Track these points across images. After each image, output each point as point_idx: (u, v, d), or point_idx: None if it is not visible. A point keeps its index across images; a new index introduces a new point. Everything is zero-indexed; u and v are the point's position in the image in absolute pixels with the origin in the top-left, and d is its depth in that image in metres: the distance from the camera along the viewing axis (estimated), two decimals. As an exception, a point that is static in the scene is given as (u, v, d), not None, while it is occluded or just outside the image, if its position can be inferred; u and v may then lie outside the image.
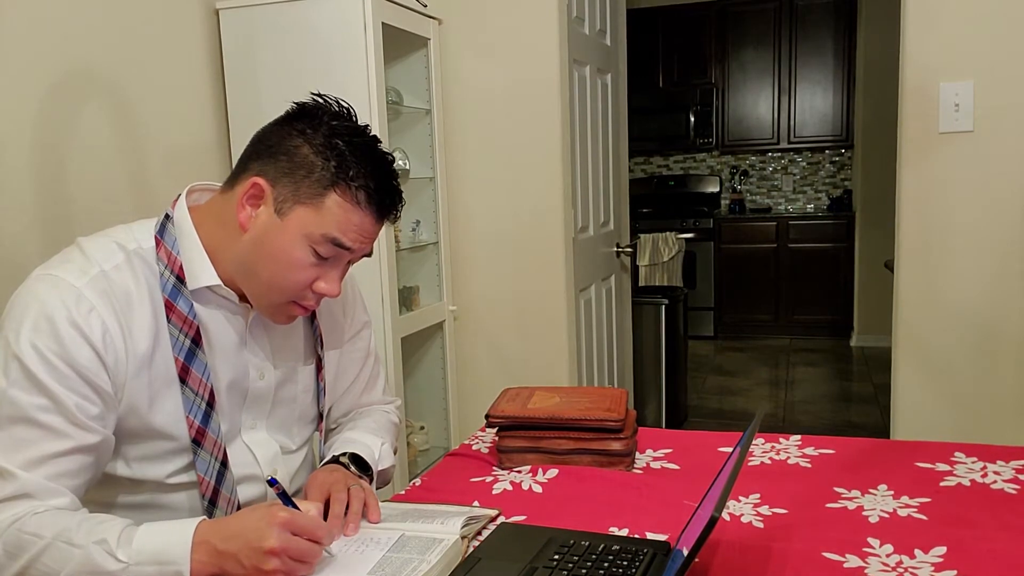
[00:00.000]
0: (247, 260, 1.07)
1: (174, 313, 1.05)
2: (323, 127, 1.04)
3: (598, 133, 2.99)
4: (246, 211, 1.05)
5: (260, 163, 1.06)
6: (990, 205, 2.22)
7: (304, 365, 1.23)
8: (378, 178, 1.05)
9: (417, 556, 0.99)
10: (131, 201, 2.03)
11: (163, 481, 1.09)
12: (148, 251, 1.07)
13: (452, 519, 1.08)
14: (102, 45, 1.95)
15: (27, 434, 0.96)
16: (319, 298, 1.10)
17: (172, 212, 1.10)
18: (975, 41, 2.18)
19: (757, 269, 5.94)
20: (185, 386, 1.06)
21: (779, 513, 1.16)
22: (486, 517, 1.15)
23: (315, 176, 1.03)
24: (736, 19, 6.01)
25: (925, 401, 2.34)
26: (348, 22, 2.21)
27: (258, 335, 1.16)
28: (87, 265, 1.03)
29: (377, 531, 1.08)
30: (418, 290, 2.64)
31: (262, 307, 1.11)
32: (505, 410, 1.39)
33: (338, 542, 1.05)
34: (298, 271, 1.05)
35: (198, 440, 1.08)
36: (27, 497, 0.96)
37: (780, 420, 4.16)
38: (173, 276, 1.06)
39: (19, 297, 1.01)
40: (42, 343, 0.97)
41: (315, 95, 1.10)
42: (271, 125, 1.09)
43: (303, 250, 1.04)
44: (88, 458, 1.00)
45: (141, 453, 1.08)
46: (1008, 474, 1.25)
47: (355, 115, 1.09)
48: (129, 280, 1.04)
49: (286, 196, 1.04)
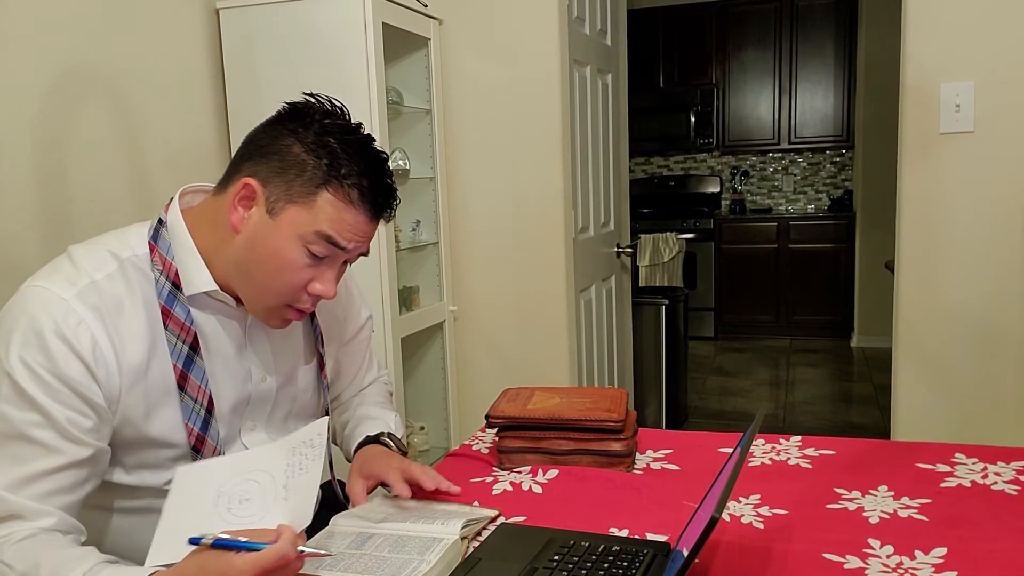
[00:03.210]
0: (240, 262, 1.05)
1: (171, 320, 1.04)
2: (314, 125, 1.03)
3: (598, 133, 2.99)
4: (238, 212, 1.04)
5: (251, 164, 1.05)
6: (990, 206, 2.22)
7: (304, 364, 1.23)
8: (371, 176, 1.04)
9: (417, 556, 0.99)
10: (131, 201, 2.03)
11: (161, 488, 1.08)
12: (142, 258, 1.06)
13: (452, 520, 1.09)
14: (102, 45, 1.95)
15: (20, 451, 0.95)
16: (315, 300, 1.09)
17: (165, 216, 1.09)
18: (975, 42, 2.18)
19: (757, 270, 5.94)
20: (184, 394, 1.06)
21: (779, 514, 1.16)
22: (486, 518, 1.15)
23: (307, 175, 1.02)
24: (736, 19, 6.01)
25: (925, 402, 2.33)
26: (348, 22, 2.21)
27: (257, 338, 1.15)
28: (76, 276, 1.01)
29: (378, 529, 1.08)
30: (418, 290, 2.64)
31: (257, 311, 1.09)
32: (505, 410, 1.39)
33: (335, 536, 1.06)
34: (292, 272, 1.04)
35: (197, 447, 1.07)
36: (14, 518, 0.94)
37: (780, 421, 4.15)
38: (169, 282, 1.05)
39: (8, 310, 1.00)
40: (31, 358, 0.95)
41: (307, 95, 1.09)
42: (262, 126, 1.08)
43: (297, 250, 1.03)
44: (82, 472, 0.99)
45: (139, 461, 1.07)
46: (1008, 475, 1.25)
47: (348, 113, 1.08)
48: (122, 289, 1.03)
49: (278, 196, 1.02)
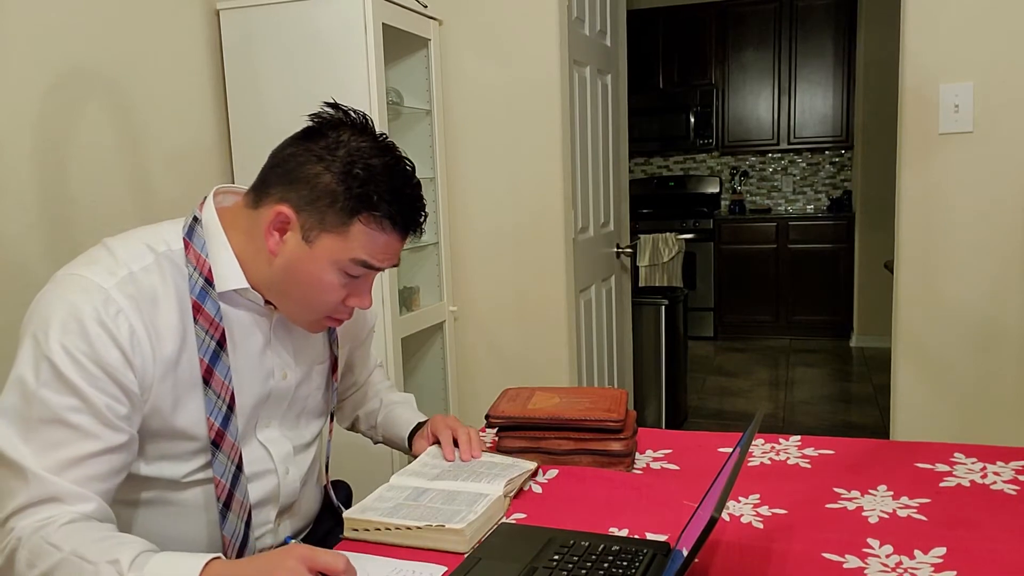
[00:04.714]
0: (278, 283, 1.09)
1: (201, 315, 1.06)
2: (341, 150, 1.04)
3: (598, 133, 2.99)
4: (274, 238, 1.07)
5: (282, 189, 1.06)
6: (990, 206, 2.22)
7: (319, 364, 1.26)
8: (401, 200, 1.06)
9: (465, 508, 1.13)
10: (132, 201, 2.03)
11: (178, 480, 1.09)
12: (177, 253, 1.08)
13: (497, 479, 1.23)
14: (102, 45, 1.96)
15: (58, 435, 0.97)
16: (351, 311, 1.14)
17: (200, 214, 1.11)
18: (975, 42, 2.18)
19: (757, 270, 5.94)
20: (208, 388, 1.07)
21: (779, 514, 1.16)
22: (527, 471, 1.28)
23: (339, 205, 1.03)
24: (736, 20, 6.01)
25: (925, 401, 2.34)
26: (348, 22, 2.21)
27: (282, 336, 1.18)
28: (115, 266, 1.03)
29: (431, 485, 1.23)
30: (418, 290, 2.64)
31: (297, 322, 1.15)
32: (505, 410, 1.39)
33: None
34: (329, 293, 1.09)
35: (217, 442, 1.08)
36: (54, 501, 0.96)
37: (780, 421, 4.16)
38: (202, 278, 1.07)
39: (45, 296, 1.01)
40: (72, 344, 0.97)
41: (329, 105, 1.09)
42: (288, 145, 1.09)
43: (333, 274, 1.07)
44: (117, 459, 1.01)
45: (160, 452, 1.08)
46: (1008, 475, 1.25)
47: (372, 125, 1.09)
48: (157, 282, 1.05)
49: (312, 224, 1.05)
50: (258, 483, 1.16)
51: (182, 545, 1.06)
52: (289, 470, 1.20)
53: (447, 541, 1.08)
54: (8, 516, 0.96)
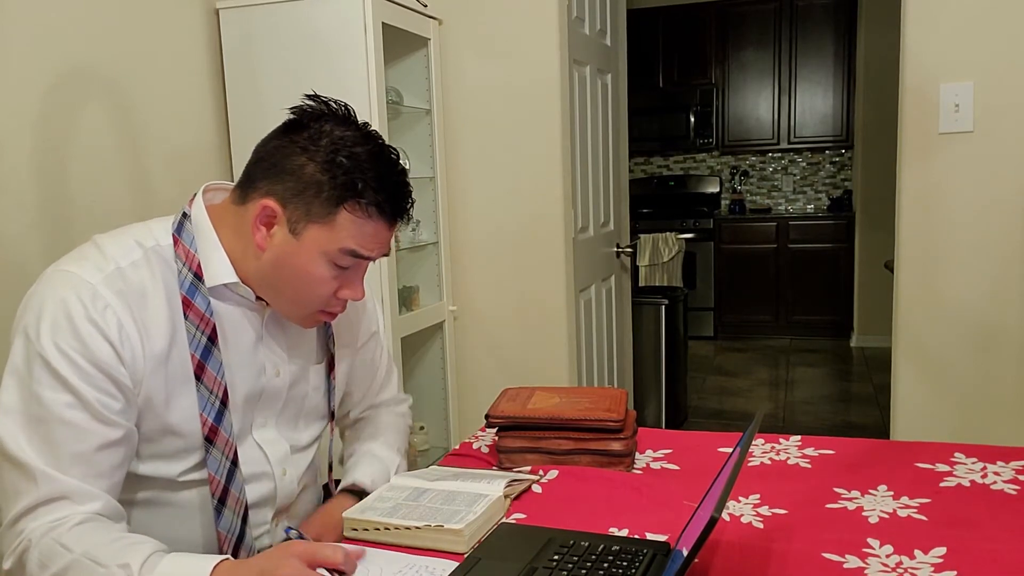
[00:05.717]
0: (268, 278, 1.08)
1: (191, 310, 1.06)
2: (324, 139, 1.04)
3: (598, 133, 2.99)
4: (261, 232, 1.06)
5: (267, 183, 1.06)
6: (990, 206, 2.22)
7: (316, 364, 1.25)
8: (387, 186, 1.05)
9: (465, 508, 1.14)
10: (131, 201, 2.03)
11: (174, 479, 1.09)
12: (166, 248, 1.08)
13: (497, 480, 1.23)
14: (102, 45, 1.96)
15: (57, 433, 0.97)
16: (344, 303, 1.13)
17: (189, 210, 1.11)
18: (975, 42, 2.18)
19: (757, 269, 5.94)
20: (200, 384, 1.07)
21: (779, 513, 1.16)
22: (528, 480, 1.28)
23: (324, 195, 1.03)
24: (736, 19, 6.01)
25: (925, 401, 2.34)
26: (348, 22, 2.21)
27: (274, 332, 1.17)
28: (103, 262, 1.03)
29: (432, 486, 1.23)
30: (418, 290, 2.64)
31: (290, 318, 1.14)
32: (505, 410, 1.39)
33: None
34: (320, 285, 1.08)
35: (211, 438, 1.08)
36: (63, 499, 0.96)
37: (780, 420, 4.16)
38: (191, 273, 1.06)
39: (35, 293, 1.02)
40: (64, 342, 0.97)
41: (310, 97, 1.09)
42: (272, 139, 1.09)
43: (322, 266, 1.06)
44: (117, 452, 1.01)
45: (154, 451, 1.08)
46: (1008, 475, 1.25)
47: (354, 115, 1.09)
48: (146, 277, 1.05)
49: (298, 217, 1.04)
50: (255, 484, 1.15)
51: (179, 547, 1.06)
52: (286, 471, 1.20)
53: (446, 541, 1.08)
54: (18, 517, 0.96)
